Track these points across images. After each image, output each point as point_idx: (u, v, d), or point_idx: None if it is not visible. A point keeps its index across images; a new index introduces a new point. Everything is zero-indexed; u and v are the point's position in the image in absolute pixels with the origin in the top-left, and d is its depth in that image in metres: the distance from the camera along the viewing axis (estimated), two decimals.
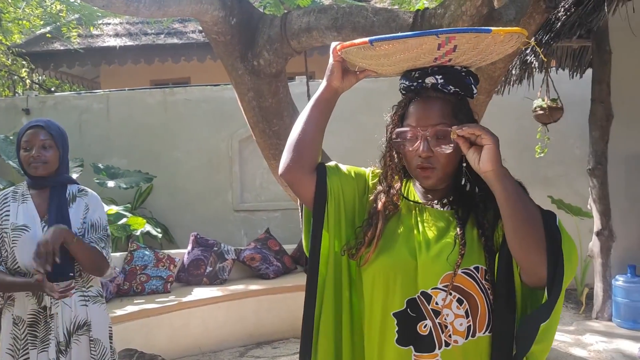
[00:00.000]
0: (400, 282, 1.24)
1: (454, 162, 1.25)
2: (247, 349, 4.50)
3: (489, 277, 1.22)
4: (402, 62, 1.24)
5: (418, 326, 1.22)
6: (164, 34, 7.88)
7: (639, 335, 4.28)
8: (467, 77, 1.26)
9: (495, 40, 1.14)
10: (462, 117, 1.24)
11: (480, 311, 1.21)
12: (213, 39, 3.01)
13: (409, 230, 1.28)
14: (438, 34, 1.13)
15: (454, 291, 1.20)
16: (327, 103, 1.36)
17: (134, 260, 4.61)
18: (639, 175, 4.84)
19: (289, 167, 1.34)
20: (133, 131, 6.45)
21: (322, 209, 1.32)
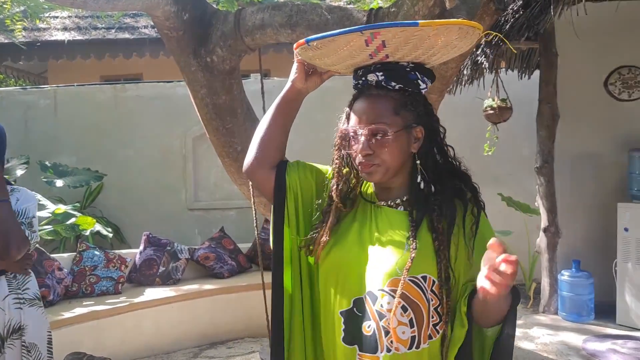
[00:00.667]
0: (349, 280, 1.25)
1: (397, 158, 1.24)
2: (201, 350, 4.44)
3: (436, 289, 1.20)
4: (342, 60, 1.25)
5: (363, 326, 1.22)
6: (115, 29, 7.66)
7: (584, 328, 4.45)
8: (413, 73, 1.24)
9: (428, 33, 1.13)
10: (405, 113, 1.23)
11: (425, 322, 1.20)
12: (165, 35, 2.96)
13: (361, 228, 1.29)
14: (362, 30, 1.14)
15: (399, 297, 1.17)
16: (291, 103, 1.38)
17: (83, 260, 4.48)
18: (584, 174, 5.03)
19: (250, 164, 1.38)
20: (82, 128, 6.26)
21: (282, 205, 1.34)
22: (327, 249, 1.29)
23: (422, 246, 1.20)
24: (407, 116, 1.23)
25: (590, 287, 4.59)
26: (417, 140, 1.25)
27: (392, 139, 1.21)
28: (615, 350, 3.96)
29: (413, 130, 1.24)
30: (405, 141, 1.24)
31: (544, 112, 4.81)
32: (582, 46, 4.75)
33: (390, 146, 1.21)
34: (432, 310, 1.20)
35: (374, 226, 1.27)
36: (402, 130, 1.23)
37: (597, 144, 5.00)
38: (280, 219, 1.35)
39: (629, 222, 4.44)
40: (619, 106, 4.94)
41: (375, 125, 1.21)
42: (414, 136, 1.25)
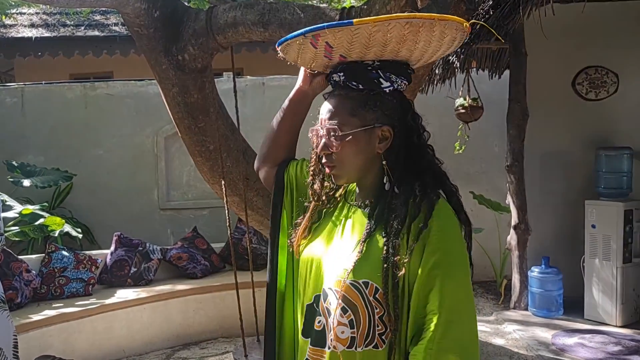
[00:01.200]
0: (313, 276, 1.28)
1: (355, 159, 1.21)
2: (174, 351, 4.40)
3: (379, 297, 1.15)
4: (311, 62, 1.26)
5: (315, 320, 1.25)
6: (84, 26, 7.53)
7: (553, 323, 4.54)
8: (374, 71, 1.20)
9: (368, 31, 1.11)
10: (364, 113, 1.20)
11: (362, 325, 1.17)
12: (135, 32, 2.91)
13: (333, 227, 1.30)
14: (305, 33, 1.15)
15: (340, 299, 1.17)
16: (298, 104, 1.41)
17: (52, 262, 4.39)
18: (553, 172, 5.13)
19: (257, 160, 1.49)
20: (51, 127, 6.13)
21: (280, 200, 1.41)
22: (304, 244, 1.32)
23: (371, 251, 1.17)
24: (366, 116, 1.21)
25: (559, 283, 4.69)
26: (383, 140, 1.22)
27: (347, 139, 1.19)
28: (583, 344, 4.05)
29: (377, 130, 1.21)
30: (364, 141, 1.21)
31: (514, 111, 4.89)
32: (550, 47, 4.85)
33: (345, 146, 1.20)
34: (377, 319, 1.16)
35: (344, 225, 1.28)
36: (360, 130, 1.20)
37: (565, 143, 5.10)
38: (278, 212, 1.41)
39: (596, 219, 4.55)
40: (586, 105, 5.06)
41: (329, 126, 1.21)
42: (378, 136, 1.21)
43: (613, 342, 4.06)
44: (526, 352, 4.03)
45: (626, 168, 4.64)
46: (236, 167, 3.22)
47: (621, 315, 4.42)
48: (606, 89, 5.00)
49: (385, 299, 1.14)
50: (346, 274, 1.16)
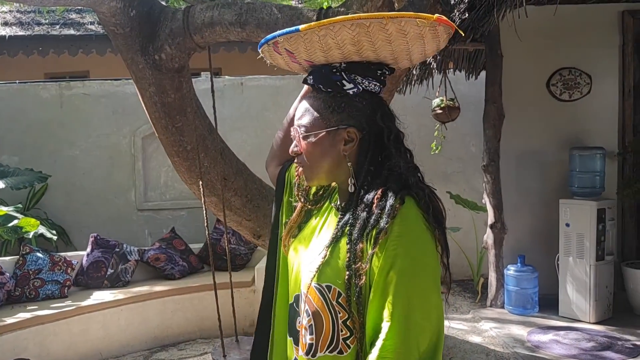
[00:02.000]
0: (294, 277, 1.28)
1: (320, 160, 1.21)
2: (152, 352, 4.37)
3: (342, 301, 1.13)
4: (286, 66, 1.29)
5: (296, 321, 1.26)
6: (59, 25, 7.41)
7: (529, 320, 4.61)
8: (337, 74, 1.20)
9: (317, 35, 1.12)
10: (329, 115, 1.20)
11: (324, 330, 1.15)
12: (111, 31, 2.88)
13: (314, 227, 1.31)
14: (267, 41, 1.19)
15: (305, 302, 1.18)
16: None
17: (26, 264, 4.33)
18: (528, 171, 5.21)
19: (267, 159, 1.54)
20: (25, 127, 6.03)
21: (280, 198, 1.44)
22: (291, 243, 1.33)
23: (335, 255, 1.16)
24: (330, 117, 1.20)
25: (534, 281, 4.76)
26: (349, 142, 1.20)
27: (310, 140, 1.20)
28: (557, 341, 4.12)
29: (342, 132, 1.19)
30: (329, 143, 1.20)
31: (490, 111, 4.95)
32: (525, 48, 4.92)
33: (309, 147, 1.21)
34: (341, 323, 1.14)
35: (321, 227, 1.28)
36: (323, 131, 1.20)
37: (540, 143, 5.19)
38: (278, 209, 1.44)
39: (570, 218, 4.63)
40: (560, 106, 5.14)
41: (297, 126, 1.24)
42: (343, 138, 1.20)
43: (587, 339, 4.14)
44: (502, 350, 4.08)
45: (599, 168, 4.73)
46: (214, 167, 3.20)
47: (594, 312, 4.50)
48: (579, 90, 5.09)
49: (348, 304, 1.12)
50: (312, 277, 1.16)
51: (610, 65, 5.09)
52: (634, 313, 4.67)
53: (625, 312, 4.69)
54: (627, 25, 5.05)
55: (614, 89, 5.11)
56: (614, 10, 5.05)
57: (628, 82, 5.11)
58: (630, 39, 5.06)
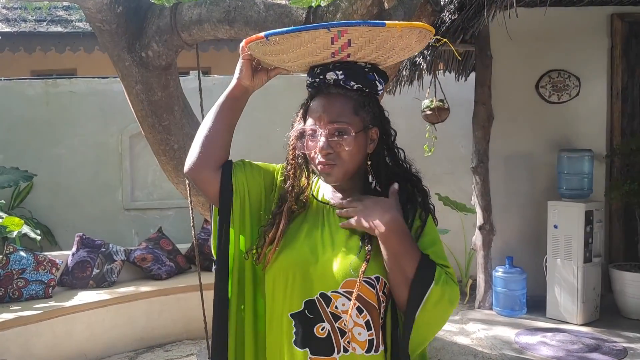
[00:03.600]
0: (299, 282, 1.22)
1: (356, 159, 1.24)
2: (138, 354, 4.31)
3: (387, 290, 1.21)
4: (301, 57, 1.22)
5: (315, 328, 1.19)
6: (46, 22, 7.33)
7: (516, 322, 4.61)
8: (371, 73, 1.23)
9: (393, 34, 1.14)
10: (364, 114, 1.23)
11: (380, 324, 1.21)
12: (97, 28, 2.84)
13: (312, 229, 1.27)
14: (329, 27, 1.12)
15: (355, 299, 1.16)
16: (236, 101, 1.33)
17: (10, 264, 4.26)
18: (517, 173, 5.22)
19: (193, 164, 1.31)
20: (10, 125, 5.95)
21: (228, 207, 1.29)
22: (277, 252, 1.25)
23: (375, 248, 1.20)
24: (365, 117, 1.23)
25: (522, 283, 4.76)
26: (372, 141, 1.26)
27: (353, 139, 1.20)
28: (545, 342, 4.12)
29: (370, 131, 1.25)
30: (364, 142, 1.24)
31: (479, 113, 4.95)
32: (515, 50, 4.93)
33: (350, 146, 1.20)
34: (383, 312, 1.21)
35: (327, 228, 1.26)
36: (362, 131, 1.23)
37: (529, 145, 5.19)
38: (226, 221, 1.30)
39: (558, 220, 4.64)
40: (549, 108, 5.16)
41: (337, 125, 1.20)
42: (370, 137, 1.25)
43: (574, 341, 4.14)
44: (490, 351, 4.08)
45: (587, 170, 4.74)
46: None
47: (582, 314, 4.51)
48: (568, 92, 5.11)
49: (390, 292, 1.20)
50: (360, 273, 1.16)
51: (598, 68, 5.11)
52: (620, 315, 4.68)
53: (612, 314, 4.70)
54: (616, 28, 5.07)
55: (602, 92, 5.13)
56: (603, 13, 5.06)
57: (616, 84, 5.13)
58: (619, 42, 5.09)
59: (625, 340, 4.17)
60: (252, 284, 1.31)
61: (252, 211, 1.32)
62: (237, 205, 1.30)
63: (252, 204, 1.31)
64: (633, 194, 4.65)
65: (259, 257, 1.26)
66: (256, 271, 1.31)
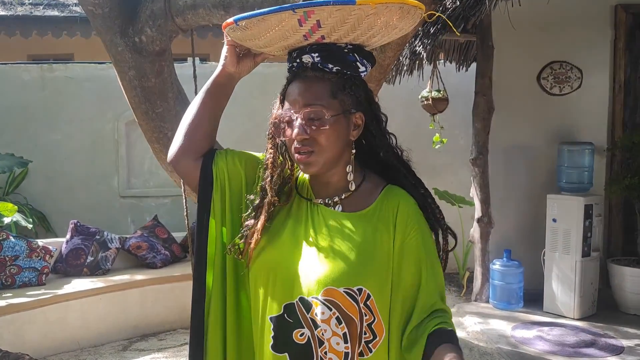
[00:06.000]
0: (280, 284, 1.16)
1: (335, 145, 1.15)
2: (131, 342, 4.29)
3: (371, 303, 1.12)
4: (275, 42, 1.15)
5: (294, 334, 1.14)
6: (43, 5, 7.24)
7: (513, 316, 4.58)
8: (351, 54, 1.15)
9: (366, 12, 1.05)
10: (343, 97, 1.15)
11: (357, 337, 1.13)
12: (89, 11, 2.78)
13: (296, 227, 1.20)
14: (295, 8, 1.06)
15: (334, 308, 1.11)
16: (222, 88, 1.27)
17: (2, 250, 4.22)
18: (516, 165, 5.16)
19: (175, 153, 1.28)
20: (5, 110, 5.89)
21: (208, 197, 1.24)
22: (258, 248, 1.19)
23: (359, 255, 1.12)
24: (345, 100, 1.15)
25: (520, 276, 4.73)
26: (356, 127, 1.17)
27: (330, 123, 1.12)
28: (541, 337, 4.10)
29: (352, 116, 1.16)
30: (344, 127, 1.16)
31: (479, 104, 4.89)
32: (517, 40, 4.86)
33: (327, 131, 1.12)
34: (366, 326, 1.12)
35: (310, 226, 1.18)
36: (340, 114, 1.15)
37: (529, 137, 5.14)
38: (206, 212, 1.24)
39: (557, 213, 4.59)
40: (550, 100, 5.09)
41: (311, 108, 1.12)
42: (353, 123, 1.17)
43: (570, 335, 4.11)
44: (486, 345, 4.05)
45: (587, 163, 4.69)
46: None
47: (579, 308, 4.48)
48: (570, 84, 5.05)
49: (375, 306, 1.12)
50: (337, 281, 1.10)
51: (601, 60, 5.04)
52: (618, 310, 4.65)
53: (609, 308, 4.67)
54: (619, 19, 5.00)
55: (604, 84, 5.06)
56: (607, 4, 4.99)
57: (619, 77, 5.07)
58: (623, 34, 5.01)
59: (623, 335, 4.14)
60: (234, 281, 1.26)
61: (233, 202, 1.25)
62: (217, 196, 1.25)
63: (232, 195, 1.25)
64: (633, 188, 4.60)
65: (242, 252, 1.20)
66: (239, 268, 1.25)
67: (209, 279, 1.25)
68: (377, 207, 1.16)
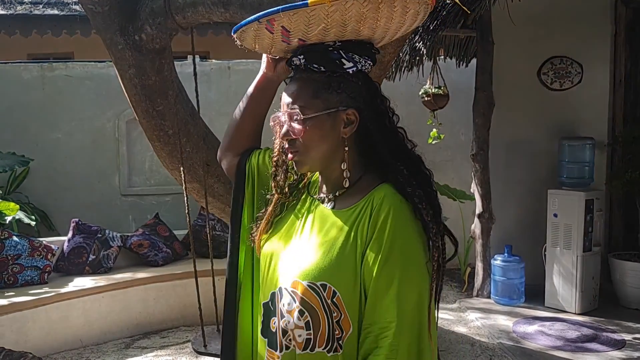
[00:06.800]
0: (270, 273, 1.22)
1: (320, 144, 1.15)
2: (134, 340, 4.30)
3: (337, 300, 1.10)
4: (268, 48, 1.20)
5: (271, 321, 1.19)
6: (42, 4, 7.22)
7: (514, 311, 4.59)
8: (335, 52, 1.14)
9: (325, 10, 1.03)
10: (327, 96, 1.14)
11: (321, 328, 1.11)
12: (89, 10, 2.78)
13: (293, 221, 1.24)
14: (259, 18, 1.08)
15: (297, 301, 1.12)
16: (262, 91, 1.36)
17: (5, 249, 4.23)
18: (517, 161, 5.17)
19: (220, 150, 1.44)
20: (5, 109, 5.88)
21: (241, 191, 1.37)
22: (264, 238, 1.27)
23: (331, 252, 1.11)
24: (329, 98, 1.15)
25: (521, 272, 4.74)
26: (348, 124, 1.15)
27: (309, 123, 1.13)
28: (543, 332, 4.10)
29: (342, 113, 1.14)
30: (329, 125, 1.15)
31: (480, 100, 4.89)
32: (517, 36, 4.85)
33: (308, 131, 1.13)
34: (335, 323, 1.11)
35: (304, 221, 1.22)
36: (323, 113, 1.14)
37: (530, 132, 5.14)
38: (239, 203, 1.37)
39: (558, 208, 4.60)
40: (551, 95, 5.09)
41: (290, 110, 1.15)
42: (342, 120, 1.15)
43: (572, 330, 4.12)
44: (487, 340, 4.06)
45: (588, 158, 4.69)
46: (196, 152, 3.12)
47: (580, 303, 4.49)
48: (570, 79, 5.04)
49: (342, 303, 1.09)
50: (303, 275, 1.11)
51: (602, 55, 5.03)
52: (619, 304, 4.66)
53: (610, 303, 4.68)
54: (620, 14, 4.99)
55: (605, 79, 5.06)
56: None
57: (619, 72, 5.06)
58: (623, 29, 5.01)
59: (624, 329, 4.15)
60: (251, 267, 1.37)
61: (261, 198, 1.35)
62: (249, 190, 1.37)
63: (260, 189, 1.35)
64: (634, 183, 4.60)
65: (253, 242, 1.30)
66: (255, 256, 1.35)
67: (240, 263, 1.37)
68: (362, 205, 1.14)
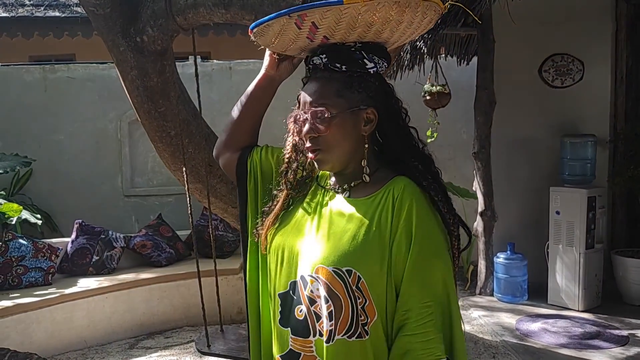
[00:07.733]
0: (286, 263, 1.24)
1: (344, 142, 1.19)
2: (138, 340, 4.32)
3: (362, 286, 1.13)
4: (288, 45, 1.21)
5: (296, 310, 1.20)
6: (44, 6, 7.24)
7: (518, 309, 4.60)
8: (358, 52, 1.18)
9: (358, 10, 1.07)
10: (350, 95, 1.19)
11: (343, 316, 1.13)
12: (91, 12, 2.79)
13: (305, 212, 1.27)
14: (290, 13, 1.10)
15: (321, 286, 1.14)
16: (263, 90, 1.38)
17: (9, 251, 4.25)
18: (519, 159, 5.17)
19: (217, 146, 1.45)
20: (8, 111, 5.90)
21: (244, 188, 1.39)
22: (272, 232, 1.29)
23: (352, 237, 1.15)
24: (352, 98, 1.19)
25: (524, 269, 4.74)
26: (369, 122, 1.21)
27: (334, 121, 1.17)
28: (546, 329, 4.11)
29: (362, 112, 1.19)
30: (351, 124, 1.19)
31: (481, 98, 4.89)
32: (518, 34, 4.85)
33: (331, 129, 1.17)
34: (360, 308, 1.14)
35: (318, 211, 1.25)
36: (346, 112, 1.18)
37: (531, 130, 5.14)
38: (244, 201, 1.39)
39: (560, 206, 4.60)
40: (552, 93, 5.09)
41: (314, 108, 1.18)
42: (363, 118, 1.20)
43: (575, 327, 4.13)
44: (491, 338, 4.07)
45: (590, 155, 4.69)
46: (198, 153, 3.13)
47: (583, 300, 4.49)
48: (572, 76, 5.04)
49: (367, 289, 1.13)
50: (328, 261, 1.14)
51: (603, 52, 5.02)
52: (622, 301, 4.66)
53: (613, 300, 4.68)
54: (620, 11, 4.98)
55: (606, 76, 5.05)
56: None
57: (621, 69, 5.06)
58: (624, 26, 5.00)
59: (627, 326, 4.15)
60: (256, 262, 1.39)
61: (264, 191, 1.37)
62: (251, 186, 1.38)
63: (264, 185, 1.37)
64: (636, 180, 4.60)
65: (258, 236, 1.32)
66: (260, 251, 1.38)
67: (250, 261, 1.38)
68: (382, 194, 1.19)
